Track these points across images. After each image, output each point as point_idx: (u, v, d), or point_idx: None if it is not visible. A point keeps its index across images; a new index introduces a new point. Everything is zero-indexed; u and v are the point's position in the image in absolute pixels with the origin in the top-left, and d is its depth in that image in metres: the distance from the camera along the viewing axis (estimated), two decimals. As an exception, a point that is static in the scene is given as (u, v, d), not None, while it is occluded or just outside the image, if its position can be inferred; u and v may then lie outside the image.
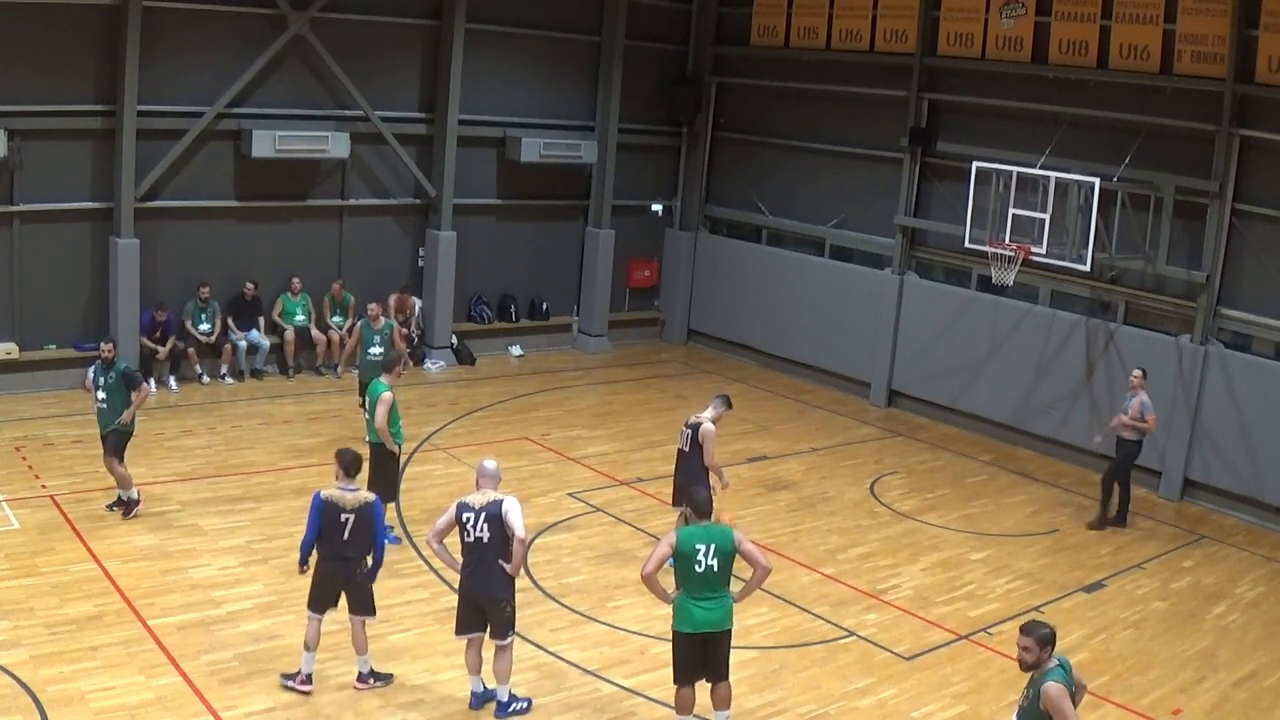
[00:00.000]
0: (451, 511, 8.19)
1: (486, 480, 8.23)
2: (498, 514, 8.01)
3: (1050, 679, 6.36)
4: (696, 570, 7.77)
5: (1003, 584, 11.68)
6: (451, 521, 8.17)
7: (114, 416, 11.23)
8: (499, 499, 8.07)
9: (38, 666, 8.47)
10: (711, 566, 7.76)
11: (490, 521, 8.02)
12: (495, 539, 8.02)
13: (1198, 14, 14.19)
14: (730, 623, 7.98)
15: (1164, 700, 9.53)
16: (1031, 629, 6.49)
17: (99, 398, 11.32)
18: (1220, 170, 14.11)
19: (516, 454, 14.28)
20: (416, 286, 18.30)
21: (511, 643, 8.35)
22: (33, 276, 15.07)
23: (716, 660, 7.99)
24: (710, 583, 7.80)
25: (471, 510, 8.08)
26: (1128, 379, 13.57)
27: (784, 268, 19.36)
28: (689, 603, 7.84)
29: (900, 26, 17.45)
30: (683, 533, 7.92)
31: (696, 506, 8.04)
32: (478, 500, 8.11)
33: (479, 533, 8.05)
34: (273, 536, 11.24)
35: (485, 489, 8.18)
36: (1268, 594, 12.01)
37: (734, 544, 7.82)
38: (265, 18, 16.03)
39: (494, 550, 8.03)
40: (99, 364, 11.44)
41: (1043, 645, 6.44)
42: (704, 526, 7.92)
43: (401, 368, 11.81)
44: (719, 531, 7.89)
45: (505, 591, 8.17)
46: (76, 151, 15.13)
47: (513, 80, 18.70)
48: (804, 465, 14.98)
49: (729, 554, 7.82)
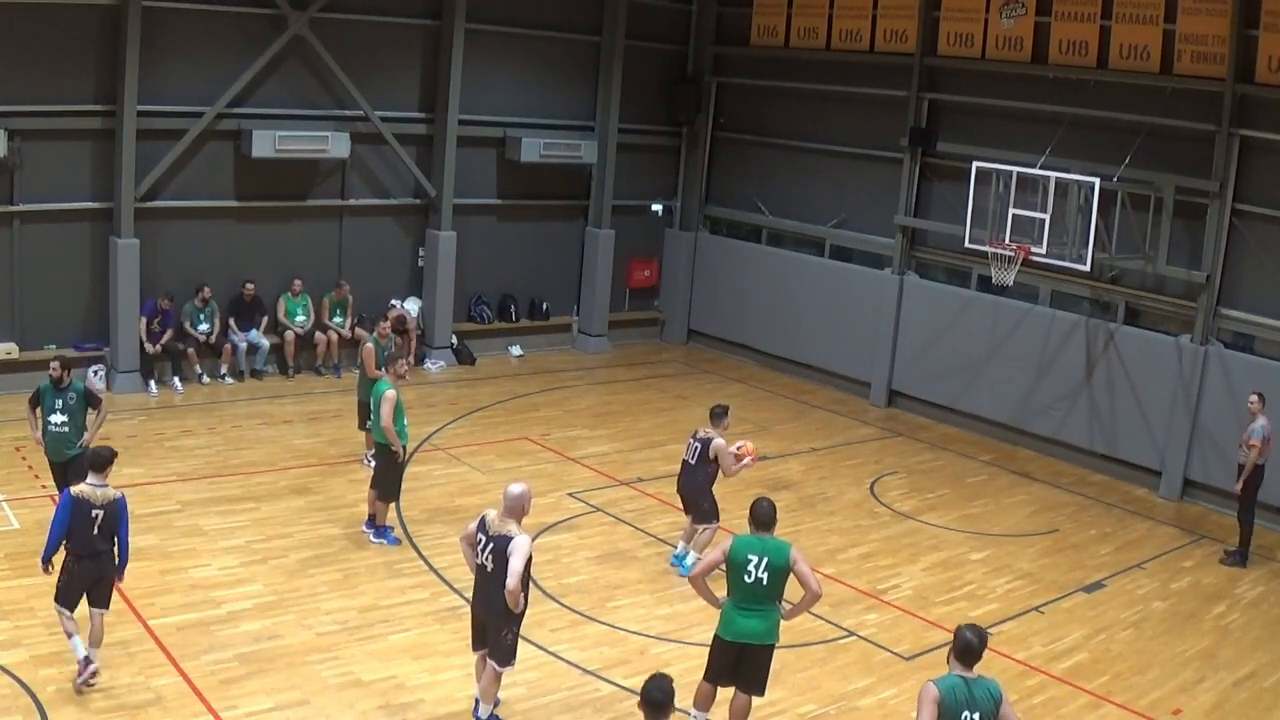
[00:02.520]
0: (473, 525, 8.01)
1: (506, 508, 7.89)
2: (503, 551, 7.70)
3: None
4: (745, 580, 7.64)
5: (1003, 584, 11.69)
6: (473, 534, 7.98)
7: (75, 440, 10.38)
8: (509, 536, 7.73)
9: (38, 666, 8.47)
10: (761, 579, 7.60)
11: (496, 555, 7.74)
12: (498, 571, 7.73)
13: (1198, 14, 14.19)
14: (773, 638, 7.81)
15: (1164, 700, 9.53)
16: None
17: (55, 422, 10.31)
18: (1220, 170, 14.11)
19: (516, 454, 14.28)
20: (416, 286, 18.30)
21: (507, 672, 8.13)
22: (33, 276, 15.06)
23: (752, 673, 7.86)
24: (757, 595, 7.65)
25: (485, 534, 7.86)
26: (1128, 379, 13.51)
27: (784, 268, 19.36)
28: (734, 610, 7.74)
29: (900, 26, 17.46)
30: (738, 541, 7.77)
31: (758, 517, 7.79)
32: (494, 526, 7.83)
33: (484, 559, 7.85)
34: (273, 536, 11.24)
35: (506, 517, 7.86)
36: (1268, 594, 12.01)
37: (788, 561, 7.65)
38: (265, 18, 16.03)
39: (496, 581, 7.74)
40: (47, 387, 10.40)
41: None
42: (760, 538, 7.71)
43: (403, 367, 11.78)
44: (774, 546, 7.69)
45: (505, 619, 7.88)
46: (76, 151, 15.12)
47: (513, 80, 18.71)
48: (804, 465, 14.98)
49: (781, 569, 7.65)
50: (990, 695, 6.27)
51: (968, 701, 6.21)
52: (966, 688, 6.24)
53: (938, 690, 6.23)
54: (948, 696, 6.21)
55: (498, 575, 7.71)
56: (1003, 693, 6.33)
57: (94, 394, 10.72)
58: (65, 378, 10.47)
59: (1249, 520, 12.63)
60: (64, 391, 10.41)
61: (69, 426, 10.40)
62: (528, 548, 7.71)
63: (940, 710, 6.20)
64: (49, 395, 10.40)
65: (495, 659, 8.03)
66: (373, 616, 9.82)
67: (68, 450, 10.43)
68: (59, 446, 10.45)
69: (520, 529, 7.81)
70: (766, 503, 7.92)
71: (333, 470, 13.23)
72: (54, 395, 10.39)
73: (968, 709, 6.20)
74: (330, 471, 13.19)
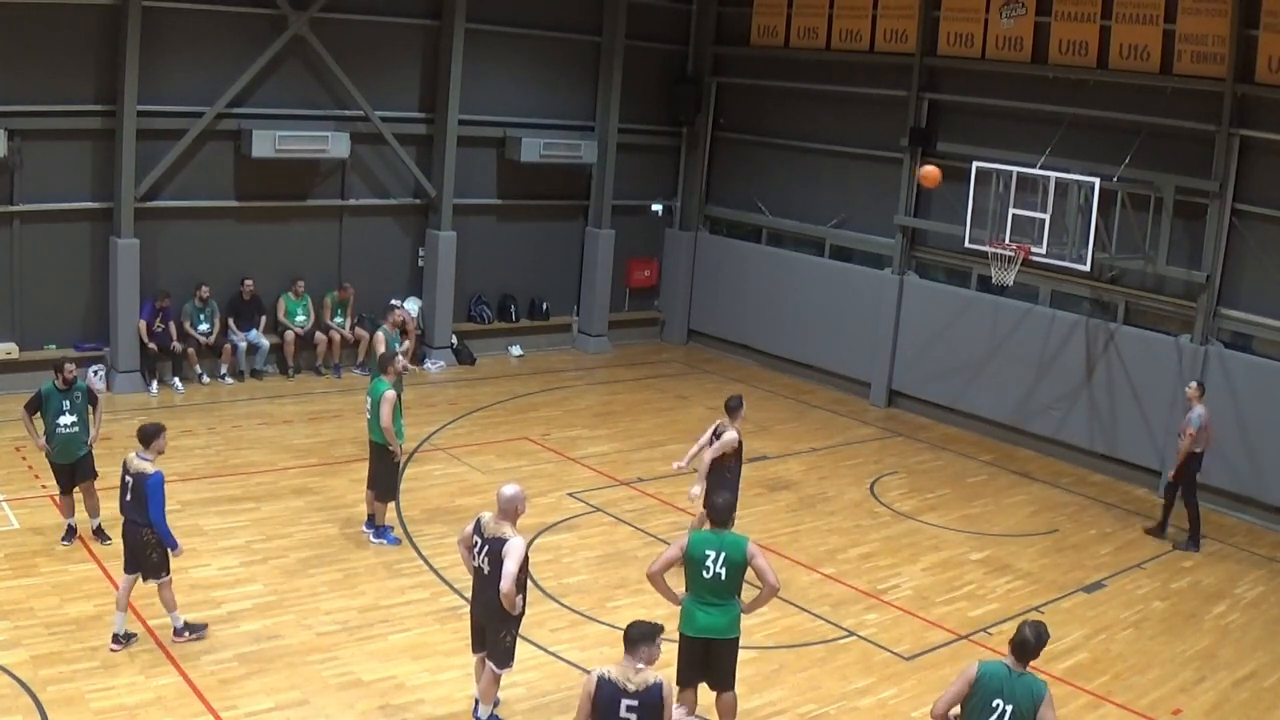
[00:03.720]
0: (469, 527, 8.03)
1: (500, 510, 7.87)
2: (499, 553, 7.69)
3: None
4: (704, 576, 7.71)
5: (1003, 584, 11.69)
6: (469, 536, 7.99)
7: (84, 439, 10.48)
8: (504, 538, 7.72)
9: (38, 666, 8.47)
10: (719, 575, 7.68)
11: (492, 557, 7.75)
12: (495, 574, 7.73)
13: (1198, 14, 14.19)
14: (735, 632, 7.87)
15: (1164, 700, 9.53)
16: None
17: (66, 423, 10.34)
18: (1220, 170, 14.11)
19: (516, 454, 14.28)
20: (416, 286, 18.30)
21: (505, 673, 8.15)
22: (33, 276, 15.06)
23: (719, 668, 7.92)
24: (716, 590, 7.73)
25: (481, 537, 7.86)
26: (1128, 379, 13.52)
27: (784, 268, 19.36)
28: (694, 605, 7.81)
29: (900, 26, 17.46)
30: (694, 537, 7.85)
31: (715, 513, 7.92)
32: (490, 528, 7.83)
33: (481, 562, 7.87)
34: (273, 536, 11.24)
35: (500, 519, 7.85)
36: (1268, 594, 12.02)
37: (745, 555, 7.71)
38: (265, 18, 16.03)
39: (493, 584, 7.73)
40: (50, 390, 10.38)
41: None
42: (717, 534, 7.80)
43: (401, 367, 11.77)
44: (731, 541, 7.76)
45: (503, 622, 7.87)
46: (76, 151, 15.12)
47: (513, 80, 18.70)
48: (804, 465, 14.98)
49: (739, 564, 7.72)
50: (1031, 693, 6.28)
51: (1003, 691, 6.26)
52: (1009, 677, 6.31)
53: (978, 670, 6.37)
54: (985, 678, 6.31)
55: (494, 577, 7.69)
56: (1047, 694, 6.32)
57: (93, 391, 10.80)
58: (73, 379, 10.53)
59: (1194, 504, 13.02)
60: (70, 392, 10.44)
61: (79, 426, 10.47)
62: (522, 550, 7.70)
63: (973, 690, 6.33)
64: (55, 398, 10.38)
65: (494, 660, 8.03)
66: (373, 616, 9.83)
67: (78, 451, 10.49)
68: (70, 447, 10.46)
69: (515, 531, 7.79)
70: (723, 498, 8.08)
71: (333, 470, 13.23)
72: (60, 397, 10.39)
73: (1000, 697, 6.25)
74: (330, 471, 13.19)
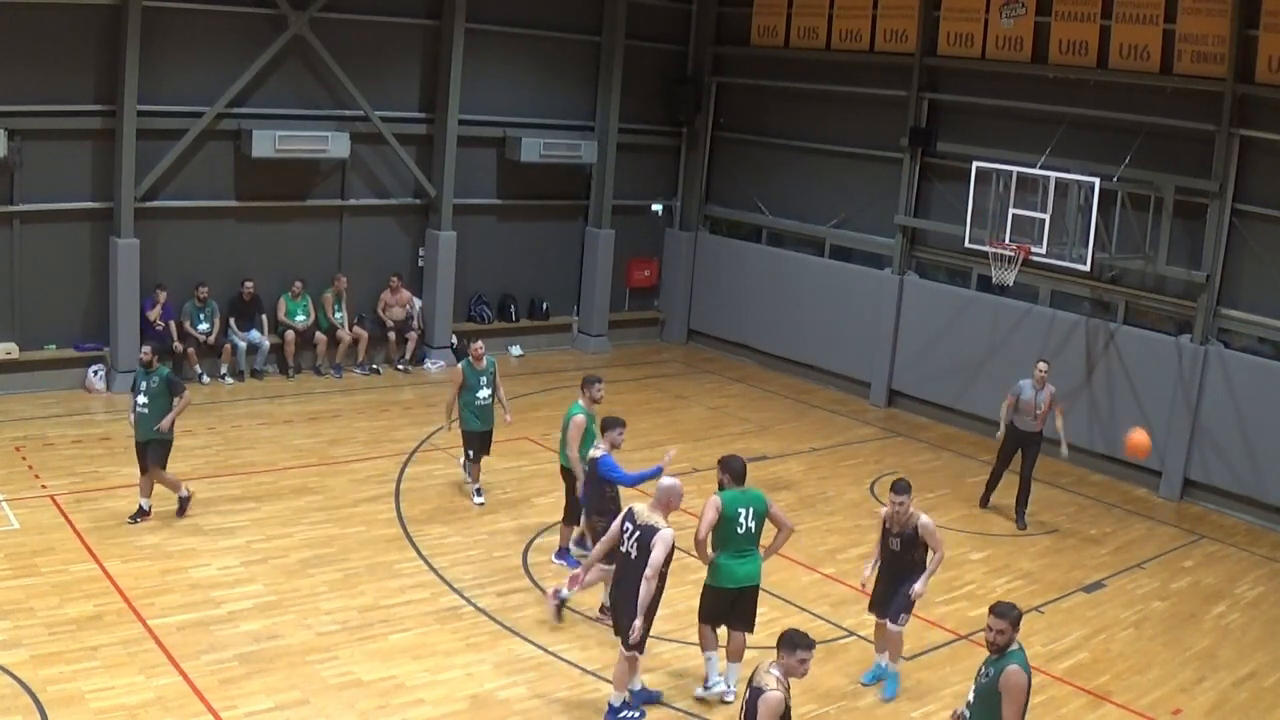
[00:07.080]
0: (618, 522, 8.49)
1: (655, 500, 8.42)
2: (648, 542, 8.16)
3: (1014, 660, 6.54)
4: (739, 531, 8.62)
5: (1003, 584, 11.68)
6: (616, 533, 8.44)
7: (154, 422, 11.03)
8: (656, 527, 8.21)
9: (38, 666, 8.47)
10: (750, 527, 8.67)
11: (641, 544, 8.22)
12: (640, 560, 8.17)
13: (1198, 14, 14.19)
14: (761, 577, 8.84)
15: (1164, 700, 9.53)
16: (1004, 611, 6.66)
17: (139, 403, 11.06)
18: (1220, 170, 14.11)
19: (516, 454, 14.27)
20: (416, 286, 18.30)
21: (633, 657, 8.43)
22: (33, 276, 15.06)
23: (746, 611, 8.83)
24: (750, 540, 8.71)
25: (632, 523, 8.35)
26: (1128, 379, 13.53)
27: (784, 268, 19.36)
28: (731, 561, 8.65)
29: (900, 26, 17.46)
30: (726, 496, 8.70)
31: (734, 473, 8.78)
32: (642, 517, 8.34)
33: (629, 548, 8.33)
34: (273, 536, 11.24)
35: (655, 509, 8.36)
36: (1268, 594, 12.02)
37: (767, 506, 8.76)
38: (265, 18, 16.03)
39: (638, 568, 8.16)
40: (139, 370, 11.32)
41: (1015, 627, 6.66)
42: (741, 491, 8.74)
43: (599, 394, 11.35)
44: (754, 495, 8.77)
45: (635, 610, 8.21)
46: (76, 151, 15.12)
47: (513, 80, 18.70)
48: (804, 465, 14.98)
49: (762, 515, 8.72)
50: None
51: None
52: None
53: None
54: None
55: (640, 563, 8.18)
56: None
57: (177, 383, 11.25)
58: (154, 363, 11.18)
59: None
60: (150, 375, 11.14)
61: (149, 409, 11.06)
62: (670, 540, 8.21)
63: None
64: (139, 378, 11.23)
65: (622, 640, 8.37)
66: (373, 616, 9.83)
67: (148, 432, 11.11)
68: (141, 427, 11.16)
69: (666, 522, 8.29)
70: (738, 459, 8.93)
71: (333, 470, 13.23)
72: (143, 378, 11.19)
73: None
74: (330, 471, 13.19)
